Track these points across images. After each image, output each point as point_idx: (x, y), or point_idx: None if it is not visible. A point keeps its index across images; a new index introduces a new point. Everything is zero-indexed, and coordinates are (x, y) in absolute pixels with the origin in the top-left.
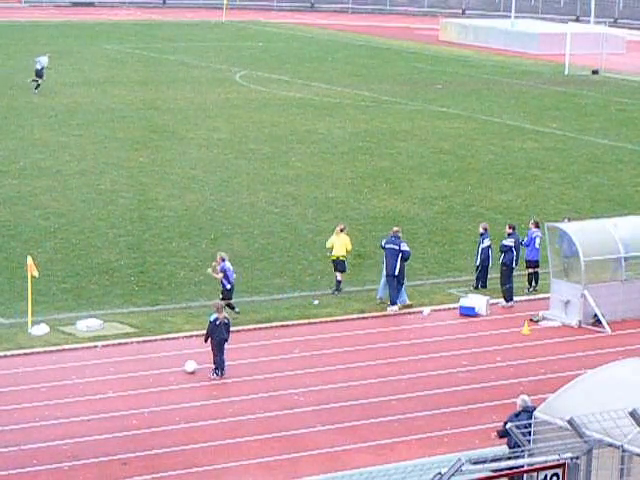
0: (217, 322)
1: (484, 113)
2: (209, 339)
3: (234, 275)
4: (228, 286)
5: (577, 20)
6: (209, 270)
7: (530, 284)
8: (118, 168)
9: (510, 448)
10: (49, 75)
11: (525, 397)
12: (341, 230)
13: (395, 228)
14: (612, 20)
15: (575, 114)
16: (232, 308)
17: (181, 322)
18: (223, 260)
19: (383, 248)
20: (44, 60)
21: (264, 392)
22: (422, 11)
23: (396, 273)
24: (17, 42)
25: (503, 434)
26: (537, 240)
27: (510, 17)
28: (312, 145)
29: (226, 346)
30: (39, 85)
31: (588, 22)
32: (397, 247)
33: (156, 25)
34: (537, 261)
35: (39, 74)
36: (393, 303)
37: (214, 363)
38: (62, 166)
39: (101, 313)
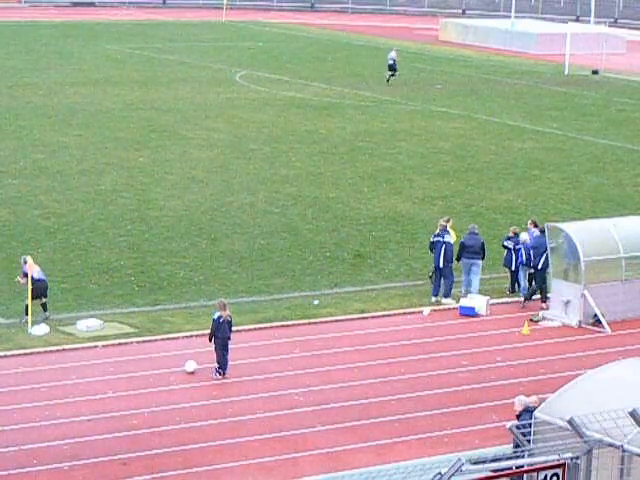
0: (221, 320)
1: (484, 113)
2: (213, 338)
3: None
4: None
5: (577, 20)
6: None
7: (531, 284)
8: (118, 168)
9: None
10: (49, 75)
11: (523, 397)
12: (447, 222)
13: (443, 221)
14: (612, 20)
15: (575, 114)
16: (26, 313)
17: (181, 322)
18: (25, 263)
19: (432, 243)
20: (393, 54)
21: (264, 392)
22: (422, 11)
23: (440, 266)
24: (17, 42)
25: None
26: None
27: (510, 17)
28: (312, 145)
29: (230, 345)
30: (393, 76)
31: (588, 22)
32: (442, 239)
33: (156, 25)
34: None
35: (392, 68)
36: (446, 295)
37: (217, 362)
38: (62, 166)
39: (101, 313)
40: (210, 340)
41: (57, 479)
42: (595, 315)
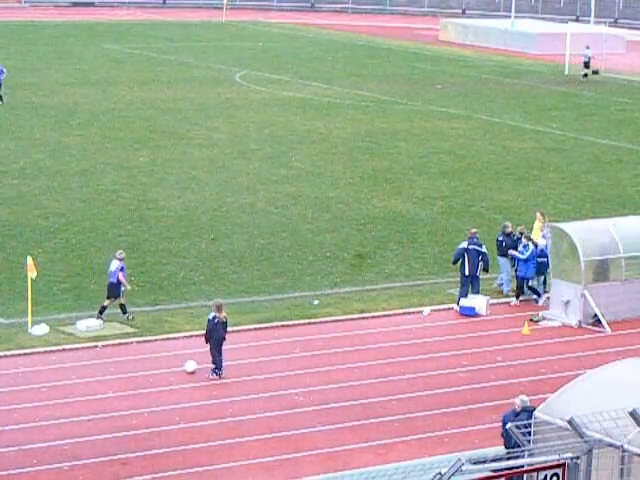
0: (216, 321)
1: (484, 113)
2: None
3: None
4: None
5: (577, 20)
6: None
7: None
8: (118, 168)
9: (507, 448)
10: (49, 75)
11: (524, 397)
12: (542, 214)
13: (473, 230)
14: (612, 20)
15: (575, 114)
16: (100, 312)
17: (181, 322)
18: (121, 259)
19: (466, 250)
20: (589, 52)
21: (264, 392)
22: (422, 11)
23: (478, 273)
24: (17, 42)
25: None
26: (550, 242)
27: (510, 17)
28: (312, 145)
29: (224, 346)
30: (586, 75)
31: (588, 22)
32: (480, 248)
33: (156, 25)
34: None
35: (587, 65)
36: (459, 302)
37: (213, 363)
38: (62, 166)
39: None
40: (206, 341)
41: (57, 479)
42: (595, 315)
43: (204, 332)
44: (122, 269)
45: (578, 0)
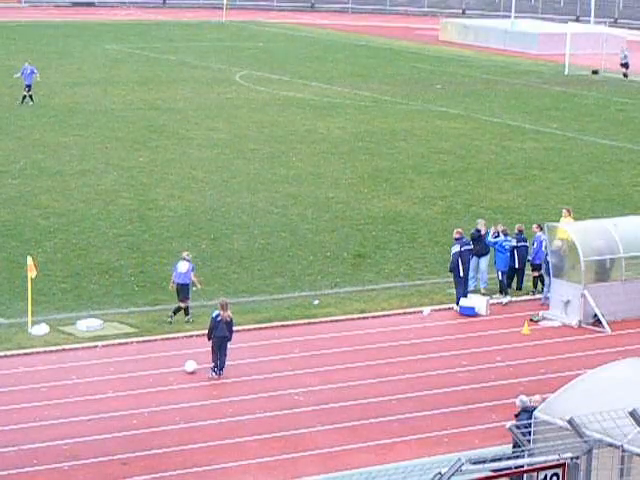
0: (218, 319)
1: (484, 113)
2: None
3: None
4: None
5: (577, 20)
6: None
7: (535, 287)
8: (118, 168)
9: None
10: (50, 75)
11: (523, 397)
12: (568, 211)
13: (459, 229)
14: (612, 20)
15: (575, 114)
16: (175, 312)
17: (181, 322)
18: (184, 259)
19: (460, 253)
20: (627, 52)
21: (264, 392)
22: (422, 11)
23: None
24: (17, 42)
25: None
26: (543, 243)
27: (510, 17)
28: (312, 145)
29: (228, 345)
30: (626, 75)
31: (588, 22)
32: (469, 246)
33: (156, 25)
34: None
35: (626, 65)
36: (458, 303)
37: (213, 362)
38: (62, 166)
39: (101, 313)
40: (209, 339)
41: (57, 479)
42: (595, 315)
43: (207, 330)
44: (193, 269)
45: (578, 0)
